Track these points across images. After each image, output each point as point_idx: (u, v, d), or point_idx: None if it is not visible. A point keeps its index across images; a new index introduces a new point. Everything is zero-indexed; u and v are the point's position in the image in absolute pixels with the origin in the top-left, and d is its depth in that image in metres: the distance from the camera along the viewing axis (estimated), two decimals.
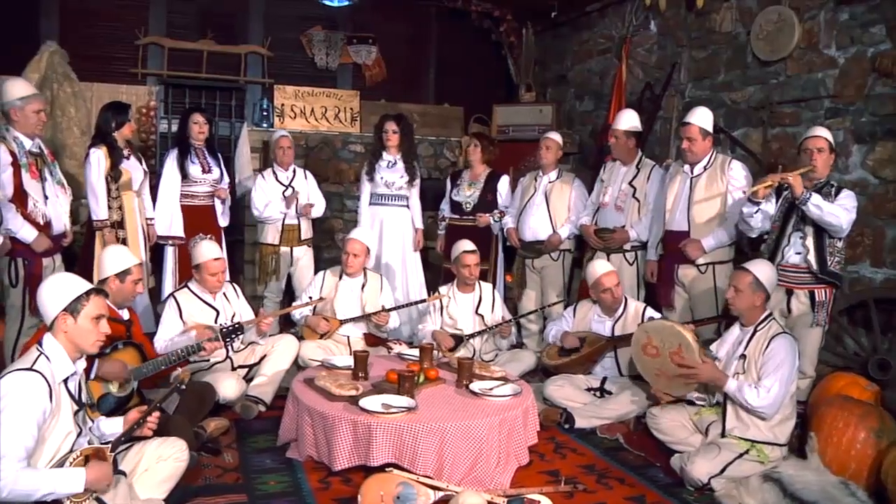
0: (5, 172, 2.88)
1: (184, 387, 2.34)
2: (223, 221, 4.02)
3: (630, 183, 3.54)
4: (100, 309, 1.93)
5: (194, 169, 3.86)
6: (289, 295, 4.27)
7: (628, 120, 3.58)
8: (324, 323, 3.43)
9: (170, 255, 3.92)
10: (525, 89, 5.25)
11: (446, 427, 2.32)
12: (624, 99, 4.48)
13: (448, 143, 5.20)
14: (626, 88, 4.51)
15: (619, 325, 3.20)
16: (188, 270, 3.79)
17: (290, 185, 4.06)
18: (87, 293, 1.92)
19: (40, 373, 1.80)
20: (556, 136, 3.92)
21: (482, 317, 3.53)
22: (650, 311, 3.17)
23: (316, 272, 3.83)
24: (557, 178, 3.88)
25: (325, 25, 4.95)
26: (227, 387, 2.93)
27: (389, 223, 4.18)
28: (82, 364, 1.98)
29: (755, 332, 2.56)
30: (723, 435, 2.52)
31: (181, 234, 3.87)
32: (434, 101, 5.31)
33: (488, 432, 2.38)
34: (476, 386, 2.65)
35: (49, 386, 1.80)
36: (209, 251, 3.13)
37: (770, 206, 2.85)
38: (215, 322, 3.10)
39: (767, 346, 2.48)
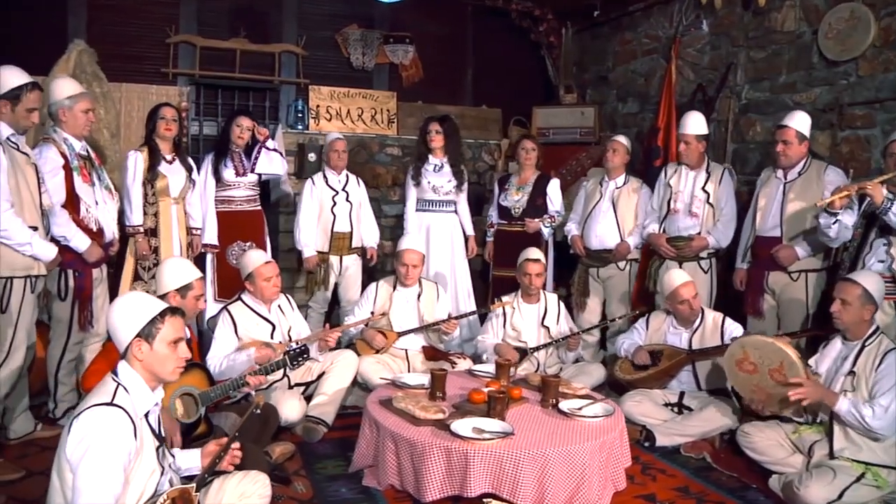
0: (57, 176, 2.69)
1: (258, 411, 2.15)
2: (272, 143, 3.73)
3: (703, 188, 3.40)
4: (177, 331, 1.74)
5: (228, 172, 3.67)
6: (333, 306, 4.08)
7: (697, 123, 3.44)
8: (380, 337, 3.25)
9: (208, 263, 3.73)
10: (565, 91, 5.10)
11: (548, 453, 2.15)
12: (674, 101, 4.34)
13: (486, 146, 5.03)
14: (676, 90, 4.37)
15: (696, 337, 3.05)
16: (227, 280, 3.61)
17: (342, 189, 3.86)
18: (162, 314, 1.72)
19: (122, 408, 1.60)
20: (623, 139, 3.78)
21: (547, 329, 3.36)
22: (729, 323, 3.02)
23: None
24: (625, 183, 3.73)
25: (361, 24, 4.77)
26: (290, 408, 2.74)
27: (437, 230, 4.01)
28: (160, 394, 1.78)
29: (863, 347, 2.42)
30: (831, 456, 2.38)
31: (214, 241, 3.67)
32: (472, 102, 5.14)
33: (590, 457, 2.22)
34: (565, 405, 2.49)
35: (133, 422, 1.61)
36: (258, 257, 2.95)
37: (849, 217, 2.74)
38: (271, 337, 2.91)
39: (881, 363, 2.34)
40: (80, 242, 2.75)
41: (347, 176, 3.95)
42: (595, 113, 4.95)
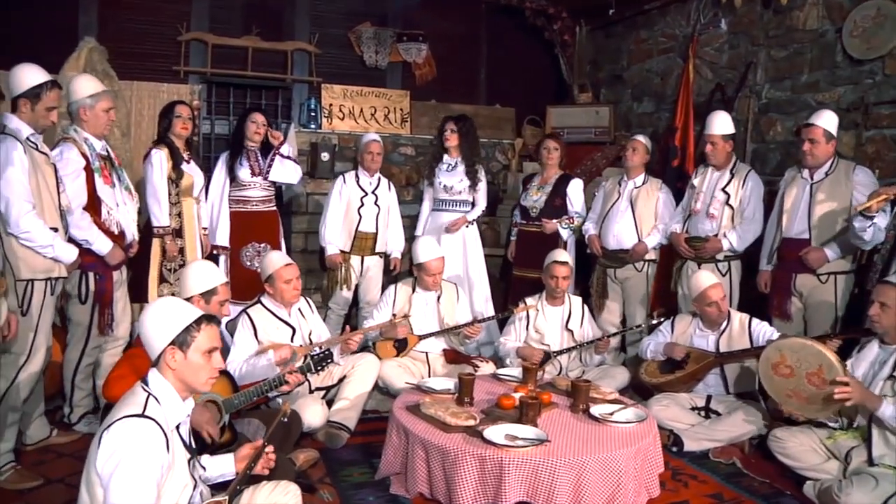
0: (78, 178, 2.63)
1: (286, 419, 2.10)
2: (287, 150, 3.67)
3: (723, 189, 3.35)
4: (212, 341, 1.67)
5: (243, 172, 3.60)
6: (353, 306, 4.02)
7: (724, 123, 3.38)
8: (402, 329, 3.18)
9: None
10: (579, 90, 5.04)
11: (585, 461, 2.10)
12: (692, 100, 4.29)
13: (500, 146, 4.98)
14: (693, 89, 4.32)
15: (723, 339, 3.00)
16: (241, 282, 3.54)
17: (373, 192, 3.81)
18: (198, 322, 1.65)
19: (154, 420, 1.53)
20: (643, 139, 3.72)
21: (571, 332, 3.31)
22: (757, 323, 2.97)
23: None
24: (643, 183, 3.68)
25: (374, 21, 4.71)
26: (313, 413, 2.69)
27: (451, 234, 3.94)
28: (191, 404, 1.72)
29: None
30: (870, 463, 2.33)
31: (225, 243, 3.60)
32: (485, 102, 5.08)
33: (626, 464, 2.17)
34: (596, 410, 2.43)
35: (165, 434, 1.54)
36: (278, 258, 2.89)
37: (883, 219, 2.70)
38: (291, 341, 2.85)
39: None
40: (103, 246, 2.69)
41: (380, 179, 3.89)
42: (610, 112, 4.90)
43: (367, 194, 3.82)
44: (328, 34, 4.59)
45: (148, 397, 1.58)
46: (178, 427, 1.65)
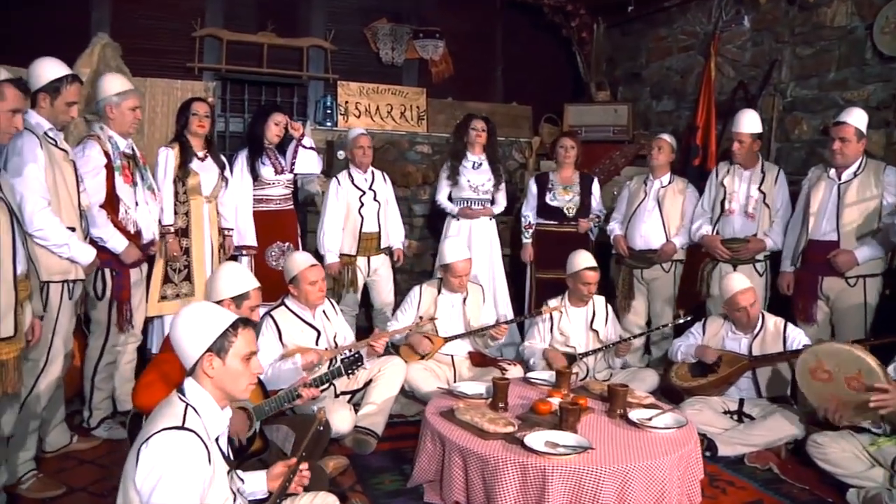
0: (98, 175, 2.56)
1: (322, 428, 2.03)
2: (308, 141, 3.60)
3: (759, 188, 3.29)
4: (250, 345, 1.60)
5: (266, 170, 3.52)
6: (364, 308, 3.94)
7: (751, 122, 3.32)
8: (426, 342, 3.12)
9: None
10: (597, 88, 4.98)
11: (628, 468, 2.04)
12: (713, 99, 4.23)
13: (517, 144, 4.91)
14: (715, 87, 4.26)
15: (756, 342, 2.94)
16: (267, 283, 3.43)
17: (369, 188, 3.72)
18: (234, 326, 1.57)
19: (195, 432, 1.46)
20: (668, 137, 3.66)
21: (596, 333, 3.25)
22: (792, 329, 2.91)
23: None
24: (670, 182, 3.61)
25: (391, 18, 4.64)
26: (341, 419, 2.62)
27: (477, 230, 3.88)
28: (229, 413, 1.64)
29: None
30: None
31: (254, 242, 3.53)
32: (502, 99, 5.02)
33: (669, 471, 2.11)
34: (634, 415, 2.37)
35: (206, 447, 1.47)
36: (303, 259, 2.81)
37: None
38: (316, 344, 2.78)
39: None
40: (118, 244, 2.62)
41: (373, 173, 3.78)
42: (629, 110, 4.83)
43: (364, 192, 3.70)
44: (344, 30, 4.52)
45: (186, 408, 1.51)
46: (217, 438, 1.58)
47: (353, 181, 3.73)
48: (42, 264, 2.27)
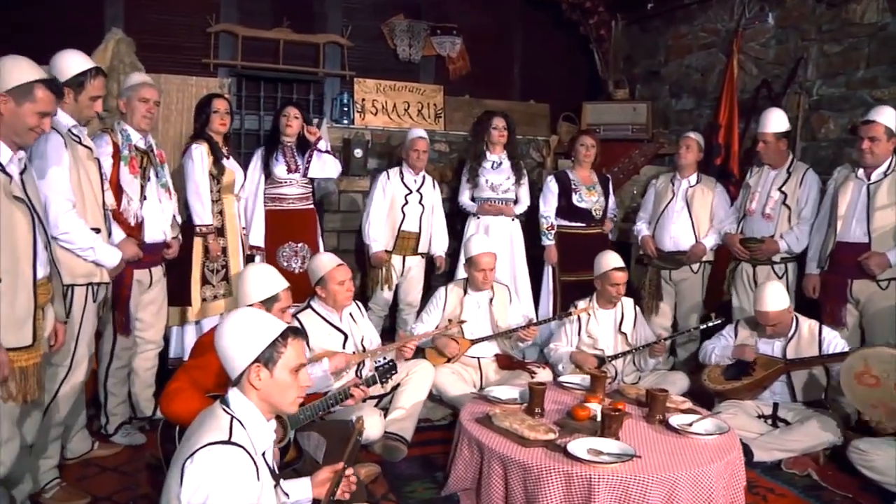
0: (104, 164, 2.46)
1: (361, 438, 1.96)
2: (324, 145, 3.56)
3: (780, 189, 3.23)
4: (300, 356, 1.52)
5: (279, 168, 3.46)
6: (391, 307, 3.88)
7: (778, 121, 3.26)
8: (453, 345, 3.05)
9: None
10: (615, 86, 4.91)
11: (676, 476, 1.98)
12: (736, 97, 4.17)
13: (535, 143, 4.84)
14: (738, 86, 4.20)
15: (790, 346, 2.88)
16: None
17: (417, 190, 3.68)
18: (284, 336, 1.50)
19: (243, 447, 1.39)
20: (696, 136, 3.61)
21: (625, 335, 3.18)
22: (827, 332, 2.85)
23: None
24: (698, 181, 3.55)
25: (408, 14, 4.56)
26: (372, 425, 2.54)
27: (496, 230, 3.81)
28: (273, 425, 1.57)
29: None
30: None
31: (260, 243, 3.46)
32: (519, 97, 4.95)
33: (716, 479, 2.05)
34: (675, 421, 2.31)
35: (254, 463, 1.40)
36: (329, 260, 2.75)
37: None
38: (342, 348, 2.71)
39: None
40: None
41: (424, 177, 3.78)
42: (648, 109, 4.77)
43: (411, 192, 3.70)
44: (360, 26, 4.44)
45: (231, 420, 1.43)
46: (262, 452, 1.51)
47: (402, 179, 3.72)
48: (66, 267, 2.19)
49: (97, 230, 2.28)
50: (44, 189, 2.10)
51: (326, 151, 3.56)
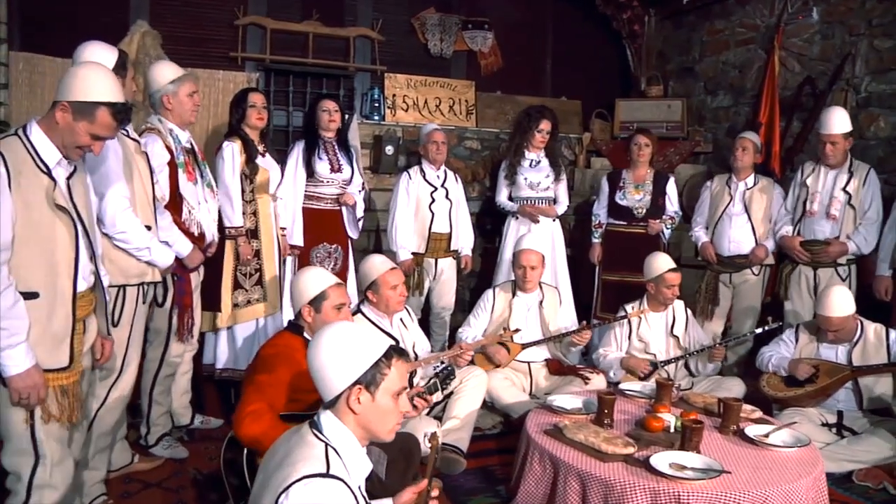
0: (162, 173, 2.34)
1: (438, 455, 1.84)
2: (353, 232, 3.47)
3: (844, 189, 3.12)
4: (403, 379, 1.38)
5: (322, 166, 3.31)
6: (424, 311, 3.75)
7: (843, 121, 3.13)
8: (503, 351, 2.93)
9: (289, 267, 3.37)
10: (648, 82, 4.80)
11: (768, 494, 1.86)
12: (777, 95, 4.06)
13: (567, 140, 4.72)
14: (779, 83, 4.10)
15: (856, 351, 2.77)
16: None
17: (441, 185, 3.54)
18: (387, 356, 1.35)
19: (342, 480, 1.26)
20: (752, 136, 3.50)
21: (677, 339, 3.07)
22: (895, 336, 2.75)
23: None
24: (755, 184, 3.44)
25: (439, 8, 4.44)
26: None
27: (538, 230, 3.69)
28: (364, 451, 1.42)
29: None
30: None
31: (300, 242, 3.32)
32: (551, 94, 4.83)
33: (806, 495, 1.94)
34: (751, 432, 2.20)
35: (354, 497, 1.27)
36: (381, 263, 2.61)
37: None
38: None
39: None
40: (183, 247, 2.41)
41: (446, 172, 3.63)
42: (683, 106, 4.66)
43: (436, 189, 3.54)
44: (391, 20, 4.32)
45: (326, 448, 1.29)
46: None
47: (424, 176, 3.56)
48: (118, 267, 2.07)
49: (148, 227, 2.16)
50: (100, 187, 1.98)
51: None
